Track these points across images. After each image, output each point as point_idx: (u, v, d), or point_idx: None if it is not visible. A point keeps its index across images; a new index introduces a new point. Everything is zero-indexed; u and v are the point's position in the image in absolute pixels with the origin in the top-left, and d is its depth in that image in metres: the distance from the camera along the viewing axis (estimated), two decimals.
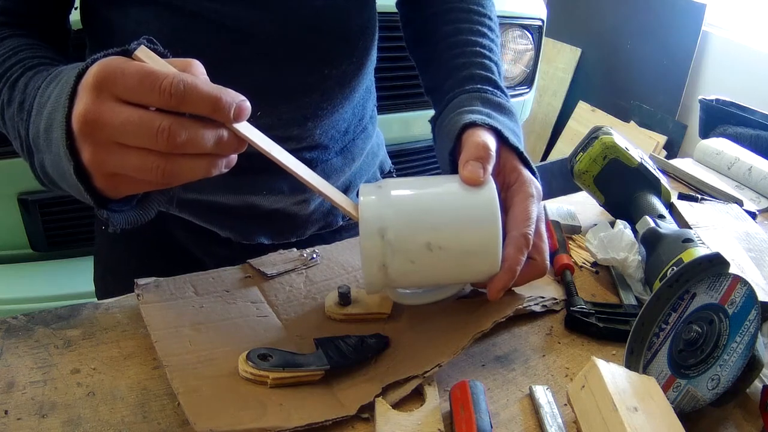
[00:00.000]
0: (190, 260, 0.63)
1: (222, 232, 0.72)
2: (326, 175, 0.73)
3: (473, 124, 0.56)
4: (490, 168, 0.52)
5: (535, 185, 0.55)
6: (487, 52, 0.65)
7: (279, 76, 0.64)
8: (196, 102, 0.40)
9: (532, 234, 0.52)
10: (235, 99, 0.41)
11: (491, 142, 0.54)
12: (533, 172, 0.57)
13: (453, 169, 0.56)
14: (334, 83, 0.68)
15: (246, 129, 0.45)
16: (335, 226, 0.80)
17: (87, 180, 0.45)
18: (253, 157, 0.68)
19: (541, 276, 0.56)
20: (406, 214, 0.50)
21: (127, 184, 0.44)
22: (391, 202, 0.50)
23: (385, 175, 0.87)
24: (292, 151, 0.69)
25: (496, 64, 0.66)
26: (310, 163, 0.71)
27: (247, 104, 0.43)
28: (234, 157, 0.46)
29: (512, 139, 0.57)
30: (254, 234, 0.73)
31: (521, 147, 0.58)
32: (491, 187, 0.51)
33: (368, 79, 0.76)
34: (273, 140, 0.65)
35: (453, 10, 0.69)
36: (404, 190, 0.52)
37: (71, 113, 0.42)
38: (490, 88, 0.63)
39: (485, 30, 0.67)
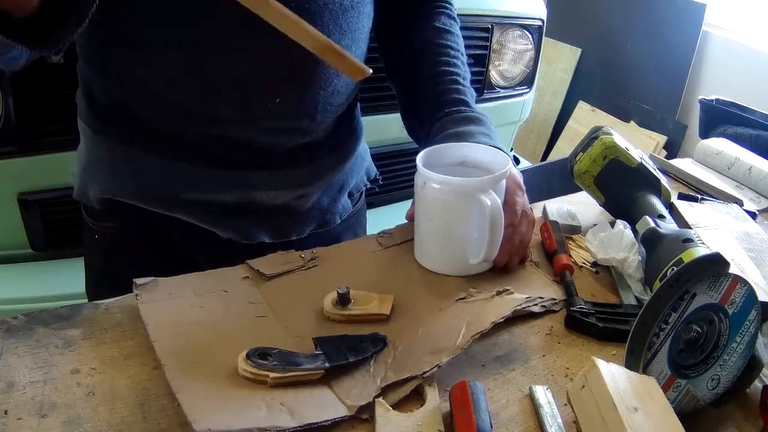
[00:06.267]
0: (188, 266, 0.63)
1: (223, 233, 0.72)
2: (321, 173, 0.76)
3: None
4: None
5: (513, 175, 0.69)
6: (461, 80, 0.80)
7: (305, 60, 0.65)
8: None
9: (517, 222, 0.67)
10: None
11: None
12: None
13: None
14: (343, 81, 0.71)
15: None
16: (333, 224, 0.82)
17: None
18: (255, 154, 0.70)
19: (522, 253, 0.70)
20: None
21: None
22: None
23: (372, 180, 0.92)
24: (296, 147, 0.72)
25: (468, 89, 0.81)
26: (309, 159, 0.73)
27: None
28: None
29: (483, 139, 0.72)
30: (255, 233, 0.74)
31: (491, 142, 0.72)
32: None
33: (358, 85, 0.80)
34: (285, 132, 0.70)
35: (432, 46, 0.80)
36: None
37: None
38: (464, 108, 0.77)
39: (459, 63, 0.81)
